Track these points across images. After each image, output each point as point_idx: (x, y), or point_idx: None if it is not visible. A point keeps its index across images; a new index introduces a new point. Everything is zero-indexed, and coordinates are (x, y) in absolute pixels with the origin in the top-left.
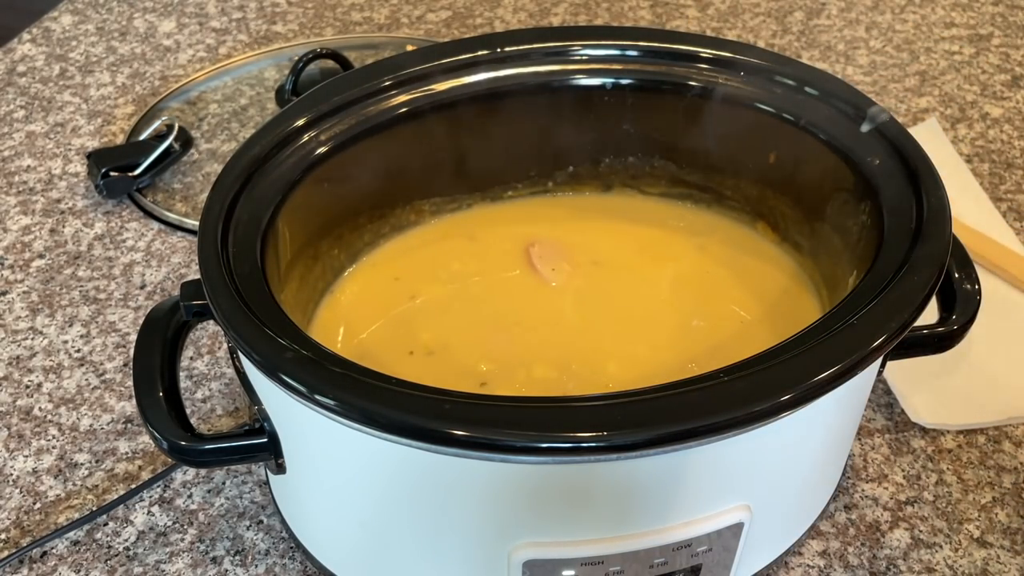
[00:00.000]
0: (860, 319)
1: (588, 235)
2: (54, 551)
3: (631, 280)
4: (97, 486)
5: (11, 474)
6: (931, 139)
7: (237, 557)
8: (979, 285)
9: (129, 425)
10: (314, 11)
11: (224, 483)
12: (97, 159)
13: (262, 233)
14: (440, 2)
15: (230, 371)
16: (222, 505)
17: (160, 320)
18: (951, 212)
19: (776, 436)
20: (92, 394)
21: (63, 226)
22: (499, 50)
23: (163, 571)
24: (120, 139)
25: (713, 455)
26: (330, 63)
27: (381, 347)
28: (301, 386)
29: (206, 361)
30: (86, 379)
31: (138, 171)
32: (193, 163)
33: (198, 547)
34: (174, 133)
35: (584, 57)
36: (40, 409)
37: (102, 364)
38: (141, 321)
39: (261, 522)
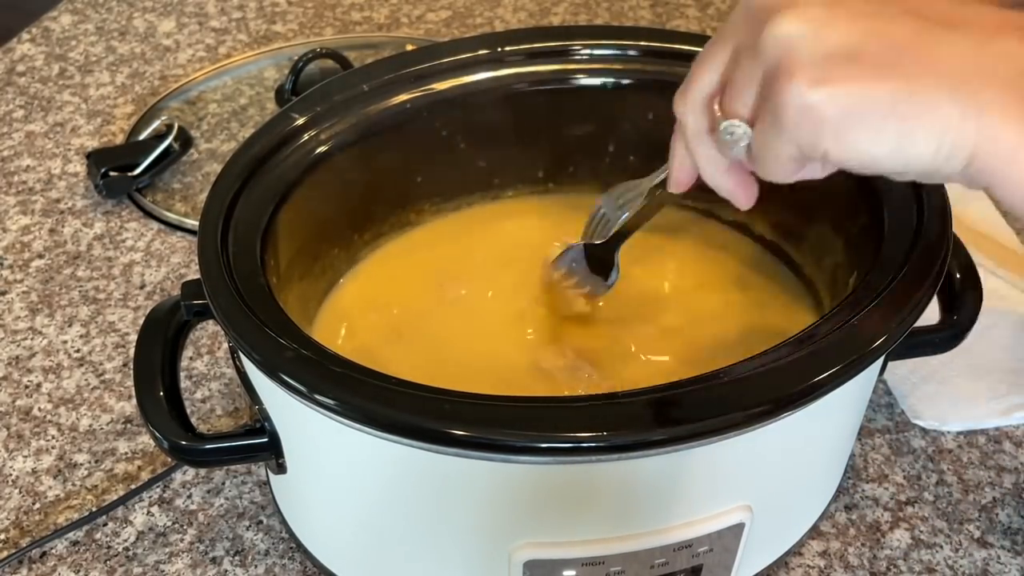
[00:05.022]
0: (860, 319)
1: None
2: (53, 551)
3: (631, 280)
4: (96, 486)
5: (10, 474)
6: None
7: (237, 557)
8: (980, 286)
9: (129, 425)
10: (314, 11)
11: (224, 483)
12: (97, 159)
13: (262, 233)
14: (440, 2)
15: (230, 371)
16: (222, 505)
17: (160, 320)
18: (952, 212)
19: (777, 436)
20: (92, 394)
21: (62, 226)
22: (499, 50)
23: (163, 571)
24: (120, 139)
25: (713, 455)
26: (330, 63)
27: (382, 347)
28: (301, 386)
29: (206, 361)
30: (85, 379)
31: (138, 171)
32: (193, 163)
33: (198, 547)
34: (173, 133)
35: (584, 57)
36: (40, 409)
37: (102, 364)
38: (141, 321)
39: (261, 522)
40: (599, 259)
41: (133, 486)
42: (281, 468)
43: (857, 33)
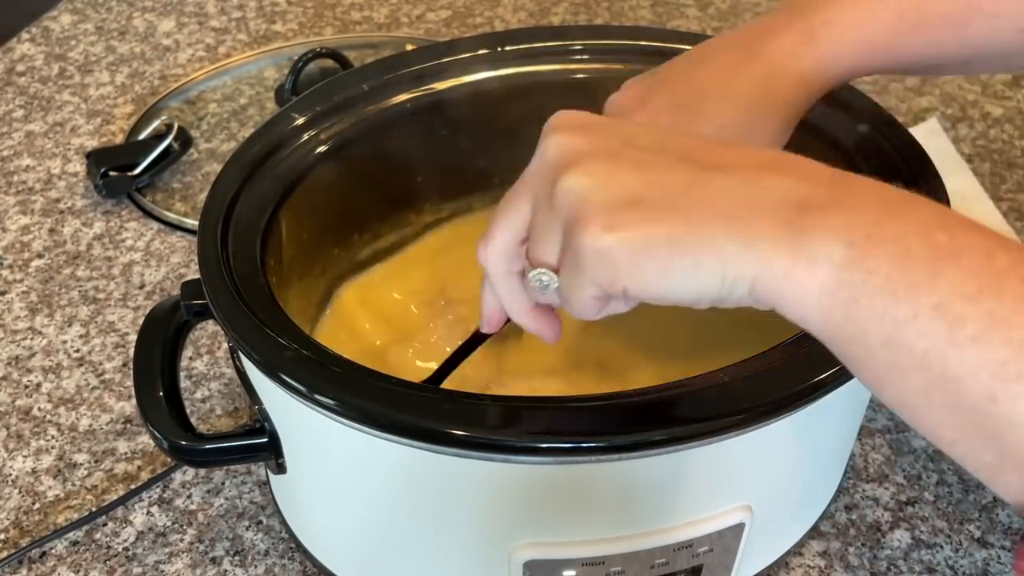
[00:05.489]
0: None
1: None
2: (53, 551)
3: None
4: (96, 486)
5: (10, 474)
6: (932, 139)
7: (236, 557)
8: None
9: (128, 425)
10: (314, 10)
11: (223, 483)
12: (96, 159)
13: (262, 233)
14: (440, 1)
15: (230, 371)
16: (221, 505)
17: (160, 320)
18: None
19: (777, 436)
20: (91, 394)
21: (62, 226)
22: (499, 49)
23: (162, 571)
24: (119, 139)
25: (714, 455)
26: (330, 63)
27: (382, 347)
28: (301, 386)
29: (206, 361)
30: (85, 379)
31: (137, 171)
32: (192, 163)
33: (197, 547)
34: (173, 133)
35: (584, 57)
36: (39, 409)
37: (101, 364)
38: (140, 321)
39: (261, 522)
40: None
41: (133, 486)
42: (281, 468)
43: (639, 182)
